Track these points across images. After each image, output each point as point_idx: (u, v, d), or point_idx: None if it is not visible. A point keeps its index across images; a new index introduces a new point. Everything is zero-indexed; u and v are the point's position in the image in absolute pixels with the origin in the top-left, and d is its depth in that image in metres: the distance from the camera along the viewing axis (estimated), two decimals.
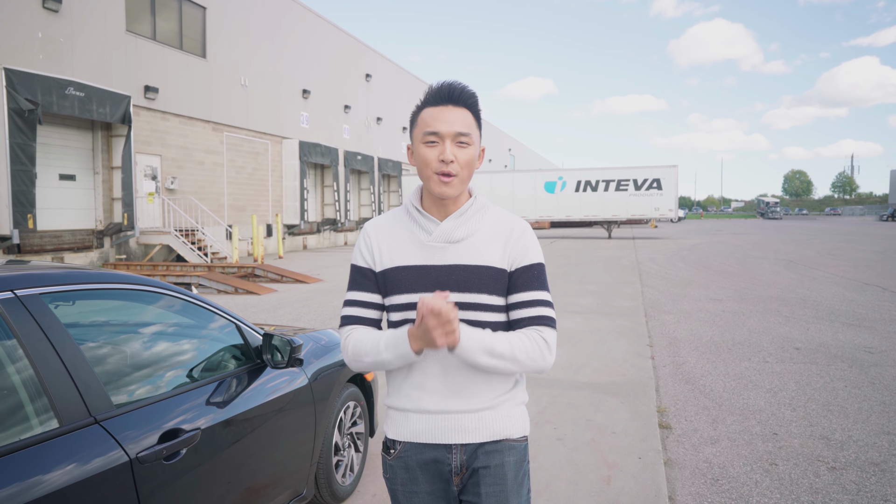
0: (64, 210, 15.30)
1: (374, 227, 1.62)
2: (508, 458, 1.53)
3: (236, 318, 2.59)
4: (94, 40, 15.62)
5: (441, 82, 1.52)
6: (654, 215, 31.49)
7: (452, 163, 1.46)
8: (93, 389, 1.74)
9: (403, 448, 1.55)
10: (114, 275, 2.05)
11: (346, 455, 3.32)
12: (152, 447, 1.82)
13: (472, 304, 1.50)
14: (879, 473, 3.60)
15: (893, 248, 22.47)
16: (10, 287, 1.68)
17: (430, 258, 1.52)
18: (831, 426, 4.40)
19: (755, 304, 9.97)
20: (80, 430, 1.66)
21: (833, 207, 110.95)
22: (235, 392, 2.34)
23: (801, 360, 6.32)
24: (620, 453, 3.95)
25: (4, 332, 1.61)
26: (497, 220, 1.57)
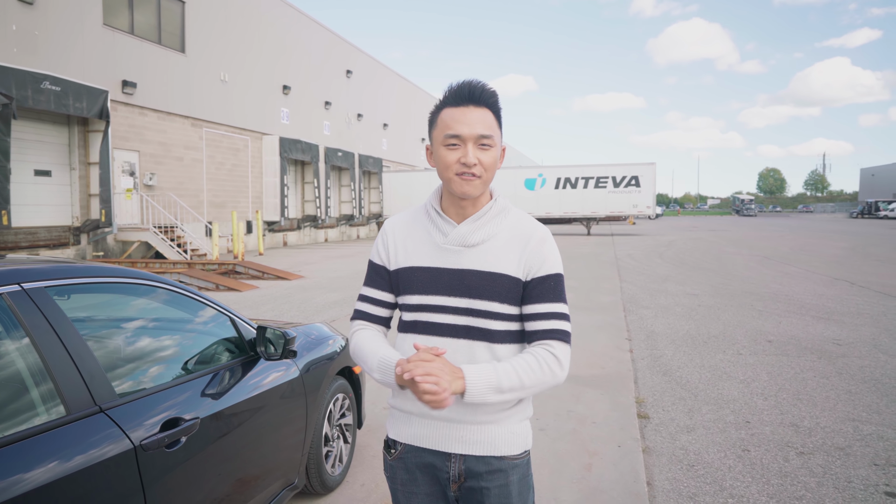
0: (39, 206, 15.07)
1: (392, 224, 1.61)
2: (513, 478, 1.50)
3: (230, 311, 2.65)
4: (71, 34, 15.39)
5: (461, 81, 1.47)
6: (632, 212, 31.91)
7: (476, 165, 1.43)
8: (97, 379, 1.81)
9: (404, 449, 1.55)
10: (115, 269, 2.11)
11: (335, 446, 3.40)
12: (154, 435, 1.89)
13: (481, 312, 1.47)
14: (844, 457, 3.79)
15: (862, 245, 23.07)
16: (17, 280, 1.73)
17: (444, 261, 1.49)
18: (800, 414, 4.59)
19: (730, 298, 10.22)
20: (86, 418, 1.72)
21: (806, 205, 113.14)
22: (231, 383, 2.41)
23: (773, 352, 6.53)
24: (601, 442, 4.08)
25: (13, 324, 1.67)
26: (516, 224, 1.53)
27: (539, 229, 1.52)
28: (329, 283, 12.87)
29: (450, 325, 1.48)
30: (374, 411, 4.69)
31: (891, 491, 3.34)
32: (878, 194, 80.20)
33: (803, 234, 30.87)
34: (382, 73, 35.87)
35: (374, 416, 4.60)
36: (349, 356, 3.61)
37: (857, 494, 3.30)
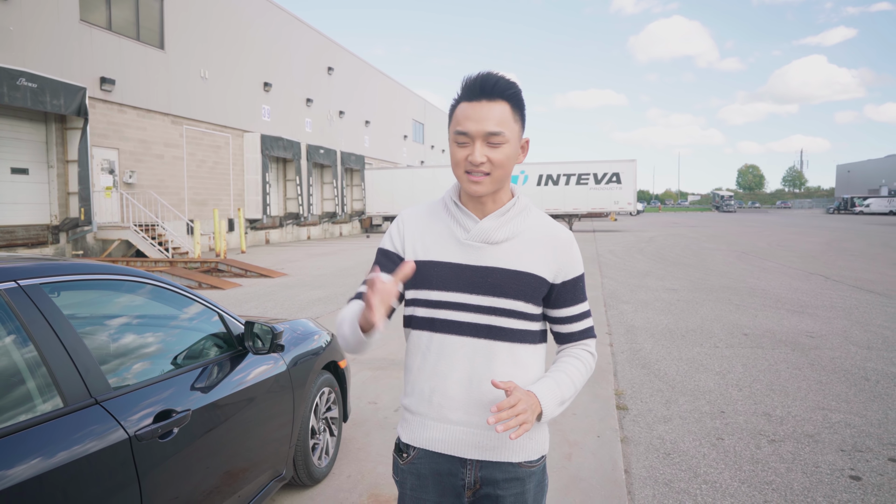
0: (16, 205, 14.88)
1: (409, 215, 1.55)
2: (529, 485, 1.47)
3: (218, 307, 2.71)
4: (47, 29, 15.19)
5: (476, 74, 1.41)
6: (613, 209, 32.23)
7: (483, 164, 1.38)
8: (92, 372, 1.86)
9: (417, 454, 1.50)
10: (107, 266, 2.16)
11: (321, 439, 3.47)
12: (148, 426, 1.95)
13: (505, 311, 1.43)
14: (813, 444, 3.94)
15: (837, 240, 23.56)
16: (14, 277, 1.78)
17: (467, 257, 1.44)
18: (773, 404, 4.75)
19: (708, 293, 10.43)
20: (82, 409, 1.78)
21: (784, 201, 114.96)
22: (220, 377, 2.48)
23: (748, 344, 6.71)
24: (580, 433, 4.20)
25: (10, 319, 1.72)
26: (540, 224, 1.49)
27: (564, 231, 1.50)
28: (313, 280, 12.89)
29: (471, 324, 1.43)
30: (359, 406, 4.76)
31: (855, 475, 3.49)
32: (854, 190, 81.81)
33: (781, 230, 31.43)
34: (364, 70, 35.80)
35: (359, 410, 4.67)
36: (335, 351, 3.68)
37: (824, 479, 3.45)
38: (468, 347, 1.43)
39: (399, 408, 4.72)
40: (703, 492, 3.32)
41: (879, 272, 13.10)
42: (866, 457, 3.73)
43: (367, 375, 5.60)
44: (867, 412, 4.52)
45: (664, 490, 3.36)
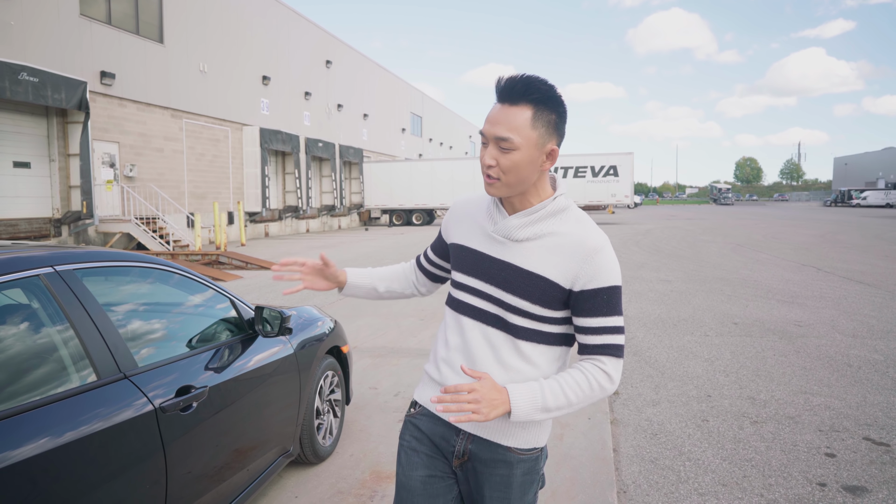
0: (18, 198, 15.02)
1: (462, 201, 1.66)
2: (516, 471, 1.51)
3: (230, 293, 2.90)
4: (48, 24, 15.29)
5: (505, 77, 1.39)
6: (611, 201, 32.42)
7: (492, 167, 1.40)
8: (120, 350, 2.04)
9: (420, 411, 1.61)
10: (131, 254, 2.35)
11: (325, 419, 3.66)
12: (171, 399, 2.13)
13: (512, 307, 1.47)
14: (793, 424, 4.14)
15: (832, 232, 23.78)
16: (51, 263, 1.96)
17: (490, 248, 1.50)
18: (758, 388, 4.95)
19: (701, 284, 10.63)
20: (113, 383, 1.96)
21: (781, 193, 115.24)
22: (233, 358, 2.66)
23: (737, 333, 6.91)
24: (571, 415, 4.39)
25: (49, 301, 1.90)
26: (572, 229, 1.46)
27: (594, 238, 1.44)
28: None
29: (482, 311, 1.50)
30: (360, 390, 4.95)
31: (830, 452, 3.69)
32: (851, 183, 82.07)
33: (777, 223, 31.64)
34: (362, 64, 35.85)
35: (360, 394, 4.86)
36: (338, 337, 3.86)
37: (801, 455, 3.65)
38: (477, 331, 1.50)
39: (398, 393, 4.91)
40: (686, 468, 3.52)
41: (871, 264, 13.31)
42: (842, 436, 3.94)
43: (368, 362, 5.79)
44: (847, 396, 4.72)
45: (650, 467, 3.55)
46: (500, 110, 1.37)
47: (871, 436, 3.94)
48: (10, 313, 1.86)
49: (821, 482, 3.31)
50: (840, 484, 3.29)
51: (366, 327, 7.42)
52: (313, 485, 3.35)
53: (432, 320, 7.80)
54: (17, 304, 1.88)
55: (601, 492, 3.24)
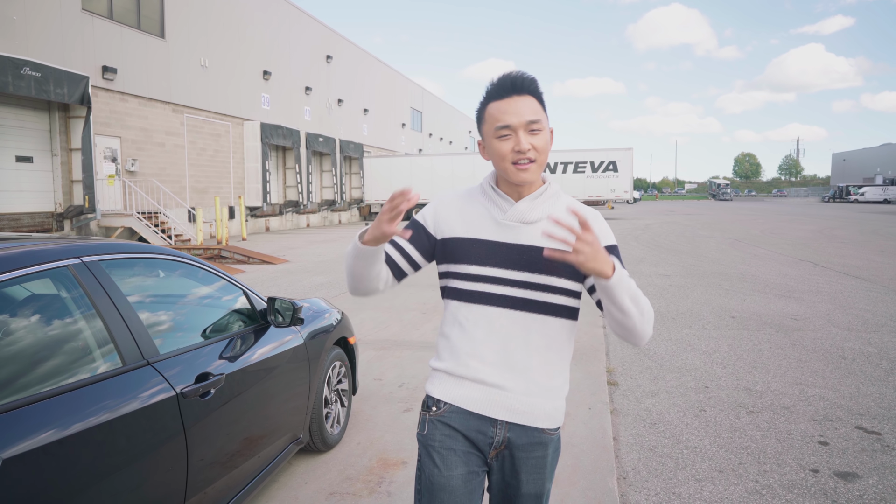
0: (21, 192, 15.10)
1: (447, 197, 1.66)
2: (549, 450, 1.60)
3: (243, 285, 2.99)
4: (50, 19, 15.33)
5: (501, 75, 1.53)
6: (610, 197, 32.49)
7: (529, 150, 1.49)
8: (143, 337, 2.14)
9: (448, 409, 1.58)
10: (151, 247, 2.44)
11: (333, 408, 3.76)
12: (191, 386, 2.23)
13: (542, 286, 1.53)
14: (788, 414, 4.25)
15: (829, 228, 23.89)
16: (78, 254, 2.06)
17: (504, 236, 1.55)
18: (754, 379, 5.05)
19: (700, 278, 10.73)
20: (137, 369, 2.06)
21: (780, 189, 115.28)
22: (247, 347, 2.76)
23: (735, 326, 7.02)
24: (573, 405, 4.50)
25: (76, 290, 1.99)
26: (569, 206, 1.57)
27: (590, 209, 1.59)
28: (314, 266, 13.16)
29: (508, 297, 1.54)
30: (366, 382, 5.05)
31: (824, 440, 3.80)
32: (849, 179, 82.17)
33: (775, 218, 31.75)
34: (363, 59, 35.86)
35: (366, 385, 4.97)
36: (345, 328, 3.96)
37: (795, 444, 3.75)
38: (505, 318, 1.53)
39: (403, 384, 5.02)
40: (684, 456, 3.63)
41: (867, 259, 13.42)
42: (835, 425, 4.05)
43: (372, 355, 5.90)
44: (841, 387, 4.83)
45: (649, 454, 3.66)
46: (514, 101, 1.49)
47: (863, 425, 4.05)
48: (41, 302, 1.95)
49: (814, 469, 3.42)
50: (832, 470, 3.40)
51: (369, 321, 7.52)
52: (322, 471, 3.46)
53: (434, 314, 7.90)
54: (47, 294, 1.97)
55: (602, 478, 3.35)
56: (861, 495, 3.12)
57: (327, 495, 3.18)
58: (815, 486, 3.23)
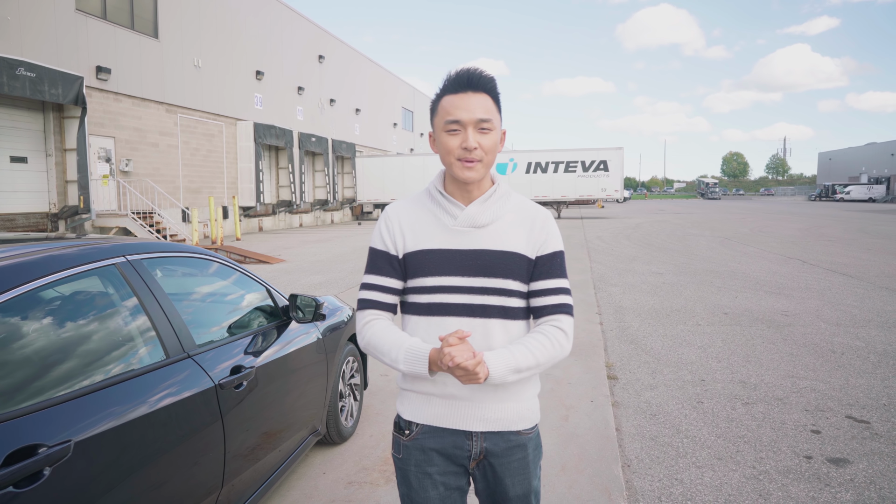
0: (16, 193, 15.08)
1: (395, 210, 1.61)
2: (529, 450, 1.60)
3: (265, 282, 3.12)
4: (44, 19, 15.31)
5: (459, 69, 1.51)
6: (601, 196, 32.77)
7: (476, 149, 1.47)
8: (182, 332, 2.27)
9: (420, 430, 1.56)
10: (186, 247, 2.57)
11: (347, 402, 3.90)
12: (227, 377, 2.36)
13: (497, 290, 1.52)
14: (780, 405, 4.43)
15: (817, 226, 24.26)
16: (123, 253, 2.18)
17: (456, 242, 1.52)
18: (748, 373, 5.24)
19: (692, 276, 10.94)
20: (180, 361, 2.18)
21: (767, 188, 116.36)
22: (272, 341, 2.89)
23: (728, 322, 7.21)
24: (575, 398, 4.66)
25: (123, 286, 2.12)
26: (520, 207, 1.60)
27: (542, 211, 1.61)
28: (311, 266, 13.26)
29: (465, 305, 1.51)
30: (373, 378, 5.19)
31: (816, 429, 3.98)
32: (835, 177, 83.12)
33: (763, 217, 32.16)
34: (354, 59, 35.92)
35: (374, 381, 5.10)
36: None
37: (788, 432, 3.93)
38: (465, 327, 1.50)
39: None
40: (684, 444, 3.80)
41: (853, 256, 13.70)
42: (826, 415, 4.23)
43: None
44: (831, 379, 5.03)
45: (650, 444, 3.82)
46: (468, 98, 1.48)
47: (853, 414, 4.24)
48: (92, 298, 2.08)
49: (807, 455, 3.60)
50: (825, 457, 3.58)
51: None
52: (339, 462, 3.59)
53: None
54: (97, 290, 2.09)
55: (607, 466, 3.50)
56: (852, 479, 3.30)
57: (346, 484, 3.32)
58: (808, 471, 3.40)
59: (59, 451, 1.54)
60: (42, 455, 1.50)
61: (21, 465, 1.44)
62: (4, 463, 1.43)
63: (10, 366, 1.62)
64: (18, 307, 1.70)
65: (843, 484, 3.25)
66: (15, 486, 1.42)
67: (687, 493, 3.17)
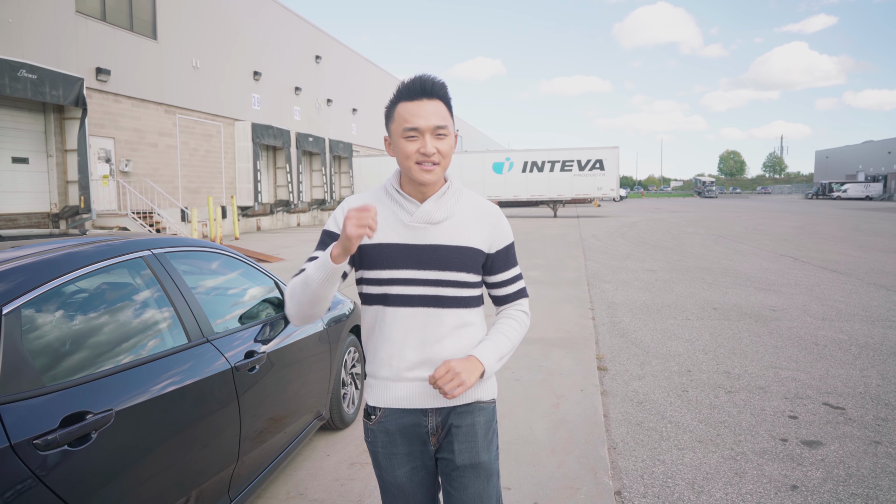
0: (18, 193, 15.25)
1: (356, 201, 1.67)
2: (479, 418, 1.68)
3: (273, 276, 3.34)
4: (44, 21, 15.48)
5: (413, 77, 1.59)
6: (597, 195, 33.02)
7: (434, 154, 1.56)
8: (202, 318, 2.48)
9: (384, 414, 1.67)
10: (203, 242, 2.78)
11: (349, 390, 4.11)
12: (242, 361, 2.57)
13: (452, 282, 1.62)
14: (762, 394, 4.66)
15: (811, 224, 24.54)
16: (148, 247, 2.39)
17: (412, 237, 1.61)
18: (733, 364, 5.47)
19: (684, 273, 11.18)
20: (200, 345, 2.40)
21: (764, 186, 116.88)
22: (279, 331, 3.10)
23: (717, 317, 7.44)
24: (566, 388, 4.88)
25: (150, 277, 2.33)
26: (472, 204, 1.70)
27: (493, 207, 1.73)
28: None
29: (420, 296, 1.61)
30: None
31: (793, 415, 4.21)
32: (832, 176, 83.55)
33: (758, 215, 32.45)
34: (351, 59, 36.10)
35: None
36: (357, 316, 4.31)
37: (767, 418, 4.16)
38: (420, 317, 1.61)
39: None
40: (667, 429, 4.02)
41: (845, 253, 13.96)
42: (805, 402, 4.46)
43: None
44: (812, 370, 5.26)
45: (636, 429, 4.04)
46: (423, 105, 1.55)
47: (829, 401, 4.47)
48: (122, 288, 2.29)
49: (783, 438, 3.82)
50: (799, 439, 3.80)
51: None
52: (341, 445, 3.80)
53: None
54: (127, 281, 2.30)
55: (594, 448, 3.72)
56: (823, 459, 3.52)
57: (349, 465, 3.53)
58: (783, 452, 3.62)
59: (103, 418, 1.76)
60: (90, 420, 1.71)
61: (74, 427, 1.65)
62: (60, 425, 1.64)
63: (60, 344, 1.84)
64: (65, 294, 1.91)
65: (815, 463, 3.47)
66: (69, 446, 1.64)
67: (668, 472, 3.40)
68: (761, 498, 3.09)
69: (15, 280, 1.74)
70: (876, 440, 3.77)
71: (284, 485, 3.32)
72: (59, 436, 1.61)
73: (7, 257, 1.84)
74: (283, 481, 3.36)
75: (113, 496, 1.78)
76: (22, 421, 1.55)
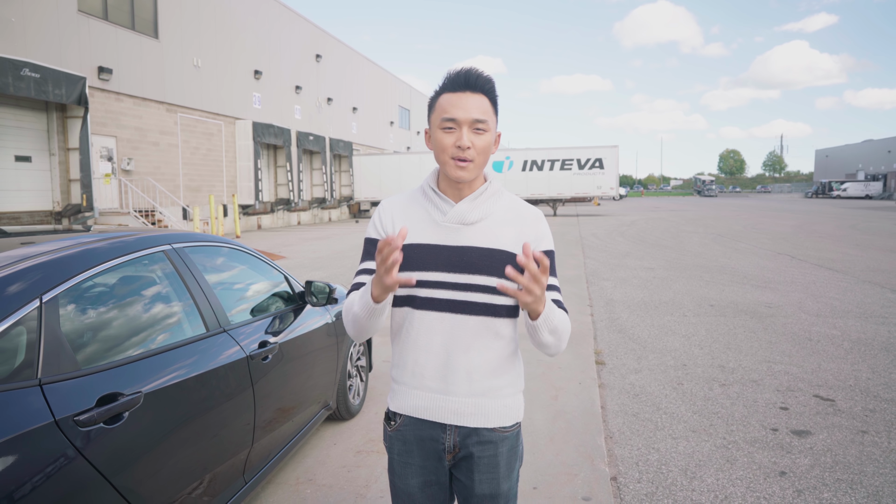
0: (21, 192, 15.37)
1: (389, 203, 1.63)
2: (501, 449, 1.57)
3: (283, 270, 3.47)
4: (47, 20, 15.59)
5: (459, 68, 1.51)
6: (596, 193, 33.16)
7: (469, 149, 1.48)
8: (219, 310, 2.61)
9: (403, 421, 1.60)
10: (217, 237, 2.91)
11: (354, 382, 4.24)
12: (256, 350, 2.71)
13: (481, 287, 1.50)
14: (755, 386, 4.80)
15: (809, 223, 24.68)
16: (169, 242, 2.52)
17: (444, 238, 1.53)
18: (727, 358, 5.60)
19: (682, 271, 11.31)
20: (218, 335, 2.52)
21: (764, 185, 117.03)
22: (290, 322, 3.23)
23: (713, 313, 7.58)
24: (565, 381, 5.01)
25: (171, 270, 2.46)
26: (511, 206, 1.61)
27: (533, 209, 1.63)
28: (311, 262, 13.59)
29: (447, 301, 1.51)
30: (376, 363, 5.54)
31: (784, 406, 4.34)
32: (832, 175, 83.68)
33: (758, 214, 32.59)
34: (352, 58, 36.21)
35: (376, 366, 5.45)
36: None
37: (759, 409, 4.29)
38: (446, 322, 1.51)
39: None
40: (662, 419, 4.15)
41: (842, 252, 14.10)
42: (796, 394, 4.59)
43: (378, 340, 6.37)
44: (805, 364, 5.39)
45: (632, 419, 4.18)
46: (465, 97, 1.48)
47: (820, 394, 4.60)
48: (144, 280, 2.42)
49: (773, 428, 3.96)
50: (789, 429, 3.94)
51: None
52: (347, 435, 3.94)
53: None
54: (149, 273, 2.43)
55: (591, 437, 3.86)
56: (811, 447, 3.66)
57: (355, 453, 3.67)
58: (773, 441, 3.76)
59: (133, 399, 1.89)
60: (121, 401, 1.84)
61: (109, 407, 1.78)
62: (97, 404, 1.77)
63: (91, 330, 1.97)
64: (95, 284, 2.05)
65: (804, 451, 3.61)
66: (105, 424, 1.77)
67: (662, 460, 3.53)
68: (751, 483, 3.23)
69: (52, 271, 1.87)
70: (863, 430, 3.91)
71: (294, 471, 3.46)
72: (95, 414, 1.74)
73: (42, 250, 1.97)
74: (292, 467, 3.49)
75: (142, 473, 1.91)
76: (64, 399, 1.68)
